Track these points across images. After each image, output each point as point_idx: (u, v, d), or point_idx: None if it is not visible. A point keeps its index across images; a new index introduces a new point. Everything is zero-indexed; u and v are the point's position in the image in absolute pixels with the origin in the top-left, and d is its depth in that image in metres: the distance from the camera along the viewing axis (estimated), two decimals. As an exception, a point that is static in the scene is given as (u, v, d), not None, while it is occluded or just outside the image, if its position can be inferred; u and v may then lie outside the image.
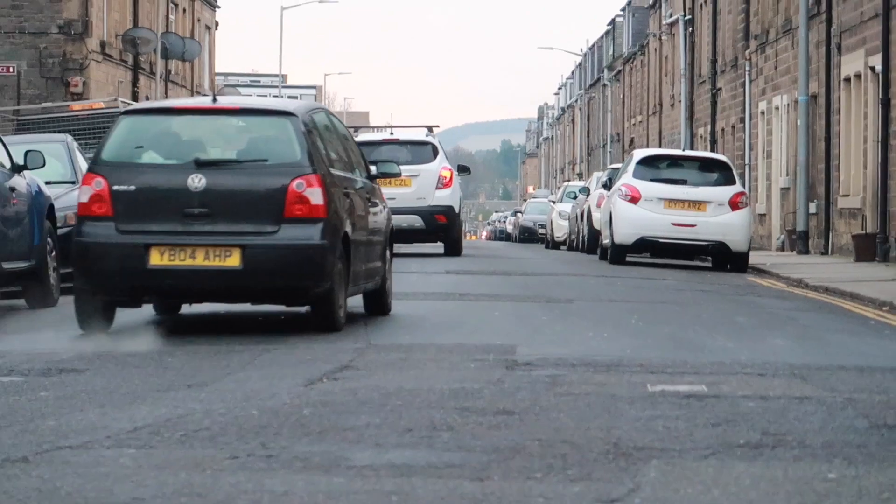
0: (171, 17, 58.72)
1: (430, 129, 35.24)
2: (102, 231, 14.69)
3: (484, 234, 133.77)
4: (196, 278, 14.71)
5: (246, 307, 15.90)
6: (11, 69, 41.77)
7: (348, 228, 15.19)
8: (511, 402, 9.58)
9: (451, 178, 32.79)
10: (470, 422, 8.73)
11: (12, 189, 18.20)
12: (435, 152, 33.08)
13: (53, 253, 19.73)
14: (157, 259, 14.47)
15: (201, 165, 14.65)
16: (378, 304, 16.90)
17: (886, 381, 11.17)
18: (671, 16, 69.00)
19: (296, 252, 14.62)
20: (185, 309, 16.24)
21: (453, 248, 32.96)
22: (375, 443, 8.01)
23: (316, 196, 14.71)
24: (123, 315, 15.36)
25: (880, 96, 32.14)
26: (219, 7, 71.68)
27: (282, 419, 8.87)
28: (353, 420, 8.80)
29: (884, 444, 7.98)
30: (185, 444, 8.02)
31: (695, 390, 10.24)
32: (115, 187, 14.67)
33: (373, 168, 17.35)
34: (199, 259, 14.48)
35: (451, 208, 32.46)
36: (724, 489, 6.81)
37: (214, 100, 16.63)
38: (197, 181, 14.49)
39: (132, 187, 14.73)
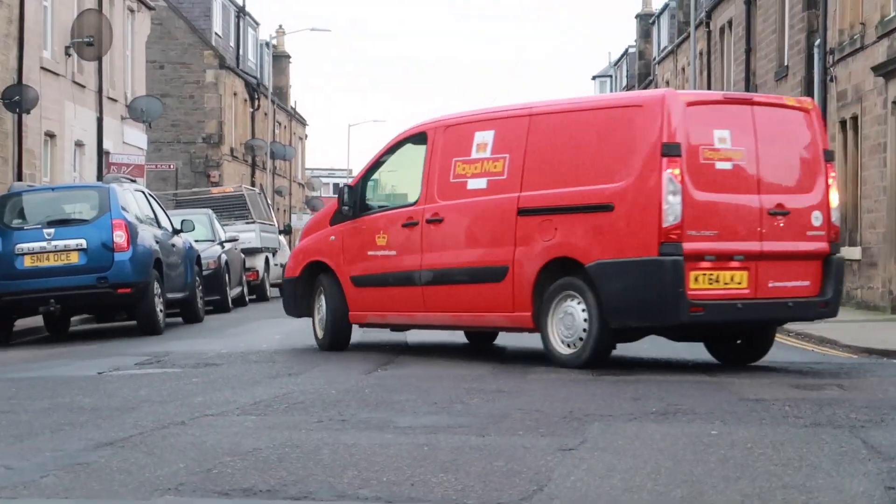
0: (276, 131, 58.88)
1: None
2: None
3: None
4: None
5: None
6: (172, 166, 42.11)
7: None
8: (502, 384, 9.59)
9: None
10: (475, 397, 8.74)
11: (173, 245, 18.31)
12: None
13: (200, 287, 19.83)
14: None
15: None
16: None
17: (750, 369, 11.15)
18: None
19: None
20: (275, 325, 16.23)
21: None
22: (413, 411, 8.02)
23: None
24: (245, 331, 15.36)
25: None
26: (307, 125, 71.92)
27: (351, 396, 8.89)
28: (397, 396, 8.81)
29: (747, 412, 7.99)
30: (287, 413, 8.04)
31: (621, 376, 10.24)
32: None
33: None
34: None
35: None
36: (643, 441, 6.82)
37: None
38: None
39: None
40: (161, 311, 16.92)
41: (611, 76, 67.47)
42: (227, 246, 24.08)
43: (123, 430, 7.32)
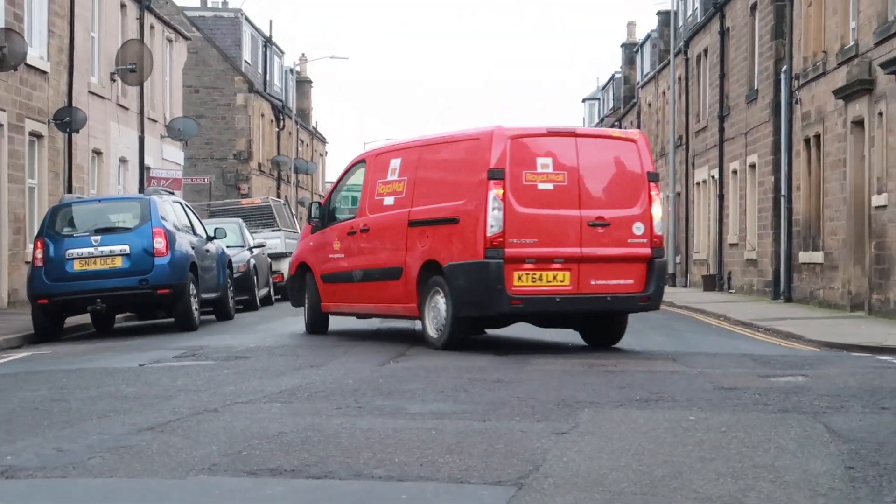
0: (300, 148, 58.90)
1: None
2: None
3: None
4: None
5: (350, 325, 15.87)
6: (206, 180, 42.11)
7: None
8: (502, 374, 9.59)
9: None
10: (477, 386, 8.74)
11: (207, 250, 18.31)
12: None
13: (231, 288, 19.82)
14: None
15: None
16: None
17: (724, 361, 11.16)
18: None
19: None
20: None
21: None
22: (421, 399, 8.02)
23: None
24: (271, 327, 15.36)
25: (718, 193, 32.14)
26: (327, 142, 71.95)
27: (366, 385, 8.89)
28: (408, 385, 8.81)
29: (722, 399, 7.99)
30: (310, 400, 8.04)
31: (609, 367, 10.25)
32: None
33: None
34: None
35: None
36: (628, 425, 6.82)
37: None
38: None
39: None
40: (196, 309, 16.93)
41: (599, 99, 67.40)
42: (256, 251, 24.09)
43: (162, 415, 7.33)
